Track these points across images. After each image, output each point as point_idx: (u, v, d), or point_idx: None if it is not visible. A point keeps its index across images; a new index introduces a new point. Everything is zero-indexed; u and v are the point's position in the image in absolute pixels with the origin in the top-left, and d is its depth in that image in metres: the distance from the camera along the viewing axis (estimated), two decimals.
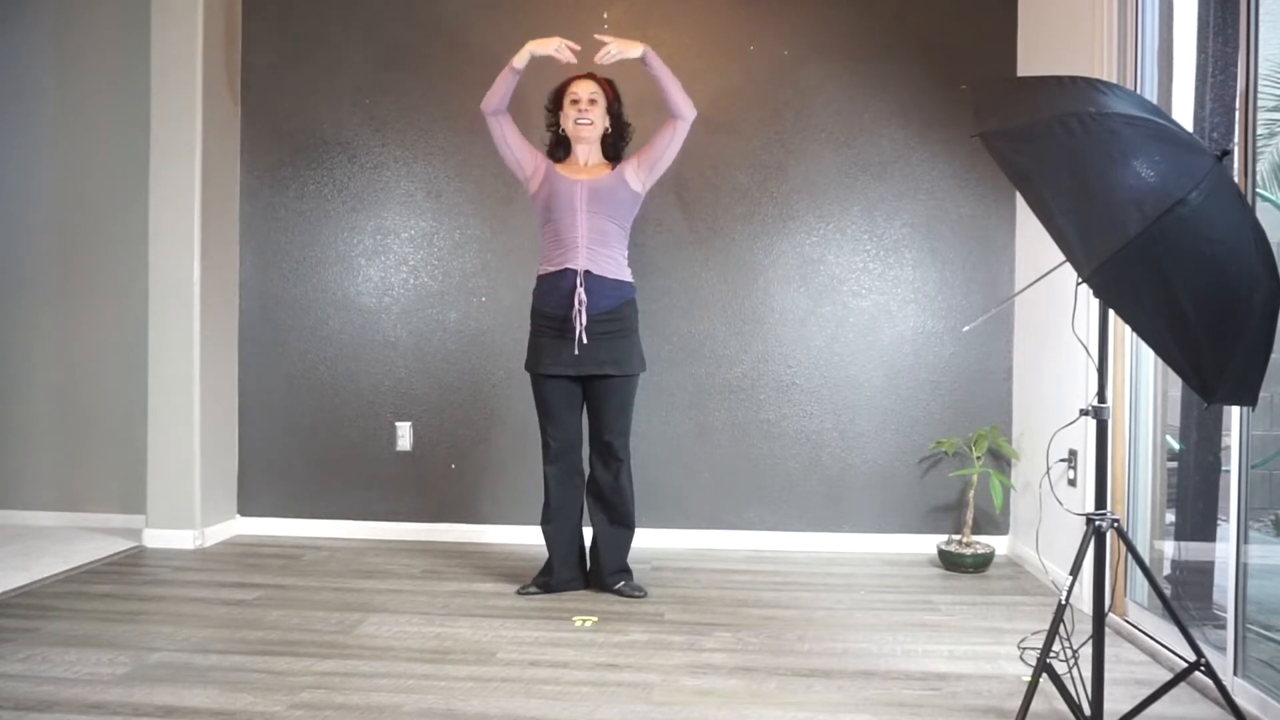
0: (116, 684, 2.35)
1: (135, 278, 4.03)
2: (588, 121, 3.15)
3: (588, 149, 3.20)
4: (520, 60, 3.09)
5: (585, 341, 3.04)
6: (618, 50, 3.07)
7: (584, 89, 3.17)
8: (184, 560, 3.63)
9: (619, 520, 3.23)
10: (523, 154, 3.19)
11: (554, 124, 3.25)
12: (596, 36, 3.13)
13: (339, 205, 4.07)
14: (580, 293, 3.04)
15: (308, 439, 4.07)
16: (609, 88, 3.22)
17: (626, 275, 3.17)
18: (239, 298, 4.10)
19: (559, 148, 3.26)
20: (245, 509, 4.11)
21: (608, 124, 3.22)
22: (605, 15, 3.94)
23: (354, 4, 4.04)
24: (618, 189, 3.14)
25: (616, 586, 3.18)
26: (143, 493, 3.90)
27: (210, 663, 2.51)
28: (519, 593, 3.20)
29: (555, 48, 3.08)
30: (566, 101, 3.18)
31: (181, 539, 3.82)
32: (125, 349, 4.12)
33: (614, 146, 3.26)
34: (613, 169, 3.20)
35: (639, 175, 3.17)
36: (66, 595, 3.14)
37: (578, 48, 3.11)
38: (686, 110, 3.13)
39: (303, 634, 2.77)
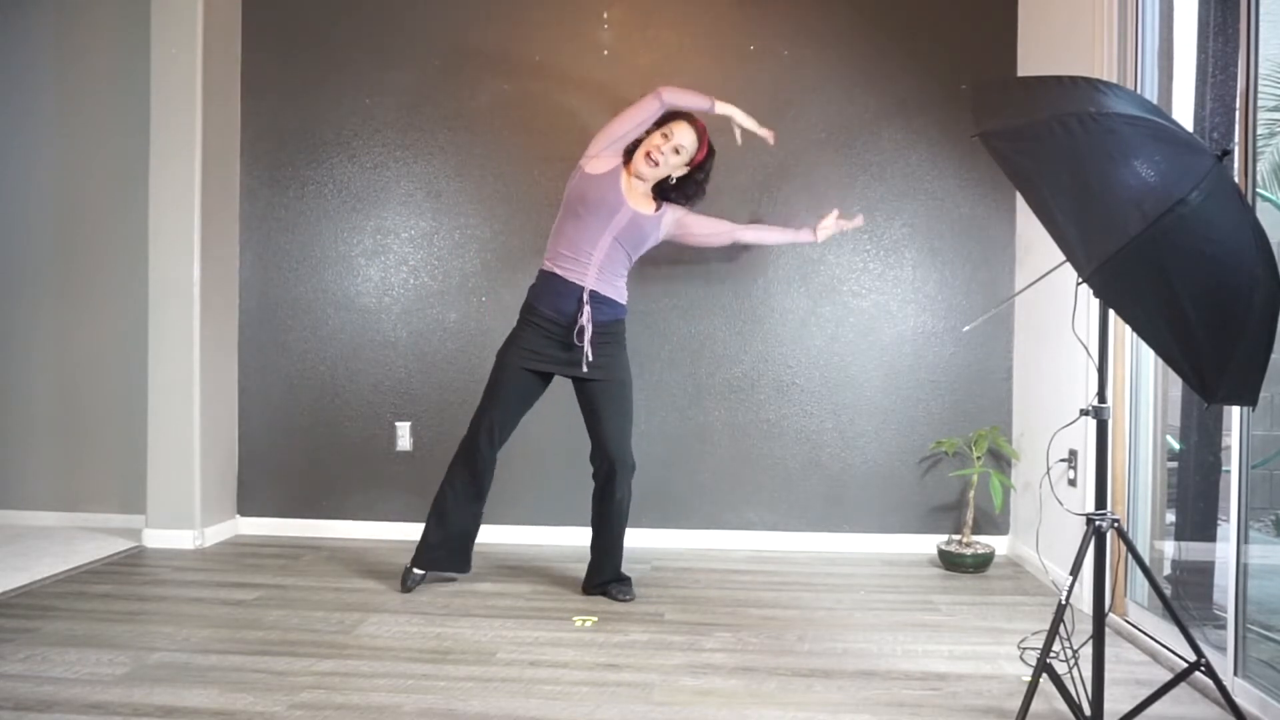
0: (116, 684, 2.35)
1: (135, 278, 4.03)
2: (654, 164, 3.05)
3: (643, 184, 3.13)
4: (720, 109, 3.19)
5: (592, 359, 3.03)
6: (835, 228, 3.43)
7: (682, 135, 3.07)
8: (184, 560, 3.64)
9: (618, 533, 3.20)
10: (621, 145, 3.11)
11: (640, 137, 3.12)
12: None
13: (339, 205, 4.07)
14: (586, 310, 3.03)
15: (308, 439, 4.07)
16: (705, 150, 3.13)
17: (624, 297, 3.17)
18: (239, 298, 4.09)
19: (627, 154, 3.15)
20: (245, 509, 4.11)
21: (675, 177, 3.14)
22: (605, 15, 3.94)
23: (354, 4, 4.04)
24: (650, 232, 3.14)
25: (613, 593, 3.16)
26: (143, 493, 3.90)
27: (210, 663, 2.51)
28: (404, 590, 3.18)
29: (744, 120, 3.24)
30: (658, 130, 3.08)
31: (181, 539, 3.82)
32: (125, 349, 4.12)
33: (666, 190, 3.17)
34: (659, 207, 3.16)
35: (668, 228, 3.18)
36: (66, 595, 3.14)
37: (769, 137, 3.30)
38: (752, 243, 3.49)
39: (303, 634, 2.77)
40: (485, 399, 3.15)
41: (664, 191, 3.17)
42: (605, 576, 3.18)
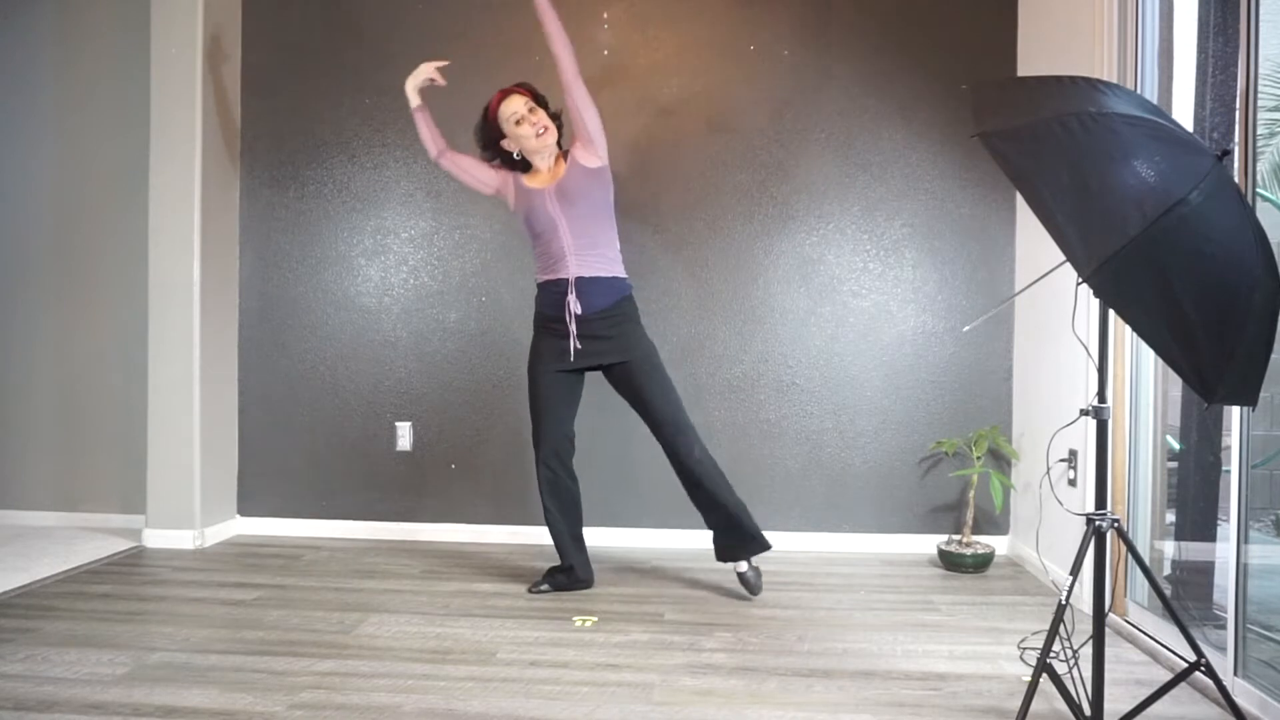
0: (116, 684, 2.36)
1: (135, 278, 4.03)
2: (544, 129, 3.07)
3: (547, 156, 3.14)
4: (412, 100, 3.19)
5: (579, 347, 3.05)
6: None
7: (519, 104, 3.07)
8: (184, 560, 3.64)
9: (722, 493, 3.16)
10: (486, 176, 3.19)
11: (498, 154, 3.16)
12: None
13: (339, 205, 4.07)
14: (570, 299, 3.03)
15: (308, 439, 4.07)
16: (529, 92, 3.12)
17: (620, 272, 3.14)
18: (239, 298, 4.10)
19: (518, 167, 3.18)
20: (245, 509, 4.11)
21: (557, 128, 3.14)
22: (605, 15, 3.94)
23: (353, 4, 4.04)
24: (581, 179, 3.07)
25: (739, 571, 3.17)
26: (143, 493, 3.90)
27: (210, 663, 2.51)
28: (530, 591, 3.20)
29: (428, 73, 3.18)
30: (508, 126, 3.08)
31: (181, 539, 3.82)
32: (125, 349, 4.12)
33: (561, 139, 3.19)
34: (566, 160, 3.14)
35: (587, 150, 3.09)
36: (66, 595, 3.14)
37: (444, 63, 3.22)
38: (561, 55, 3.00)
39: (303, 634, 2.77)
40: (531, 417, 3.18)
41: (563, 142, 3.17)
42: (733, 540, 3.16)
